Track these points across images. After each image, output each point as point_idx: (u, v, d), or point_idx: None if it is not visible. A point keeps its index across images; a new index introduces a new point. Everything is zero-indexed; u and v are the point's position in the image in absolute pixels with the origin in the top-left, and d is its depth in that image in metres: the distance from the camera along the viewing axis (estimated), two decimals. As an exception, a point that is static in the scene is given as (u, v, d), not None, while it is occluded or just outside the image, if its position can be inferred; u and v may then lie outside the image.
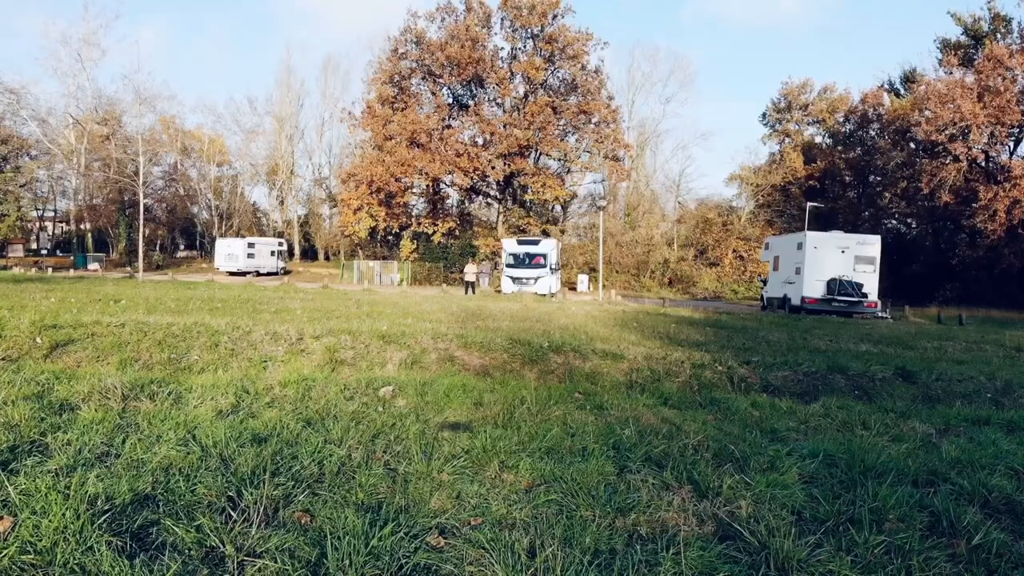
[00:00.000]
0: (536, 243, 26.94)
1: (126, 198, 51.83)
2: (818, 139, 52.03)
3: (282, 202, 67.56)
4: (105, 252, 57.09)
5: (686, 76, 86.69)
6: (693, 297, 36.74)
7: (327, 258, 66.25)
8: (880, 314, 20.01)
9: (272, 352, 7.03)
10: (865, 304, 19.52)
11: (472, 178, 38.52)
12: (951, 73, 36.66)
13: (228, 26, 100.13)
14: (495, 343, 7.53)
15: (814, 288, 19.53)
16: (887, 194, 40.18)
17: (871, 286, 19.59)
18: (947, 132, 30.97)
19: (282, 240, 49.23)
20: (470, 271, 26.69)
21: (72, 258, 51.37)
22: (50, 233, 66.43)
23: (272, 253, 45.84)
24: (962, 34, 38.71)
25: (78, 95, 57.07)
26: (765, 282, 24.28)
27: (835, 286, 19.28)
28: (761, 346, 9.39)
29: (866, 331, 13.08)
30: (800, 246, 20.10)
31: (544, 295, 24.35)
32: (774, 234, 40.29)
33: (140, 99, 44.29)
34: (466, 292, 26.00)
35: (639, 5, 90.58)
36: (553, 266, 25.93)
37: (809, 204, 29.32)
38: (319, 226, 67.05)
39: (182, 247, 71.31)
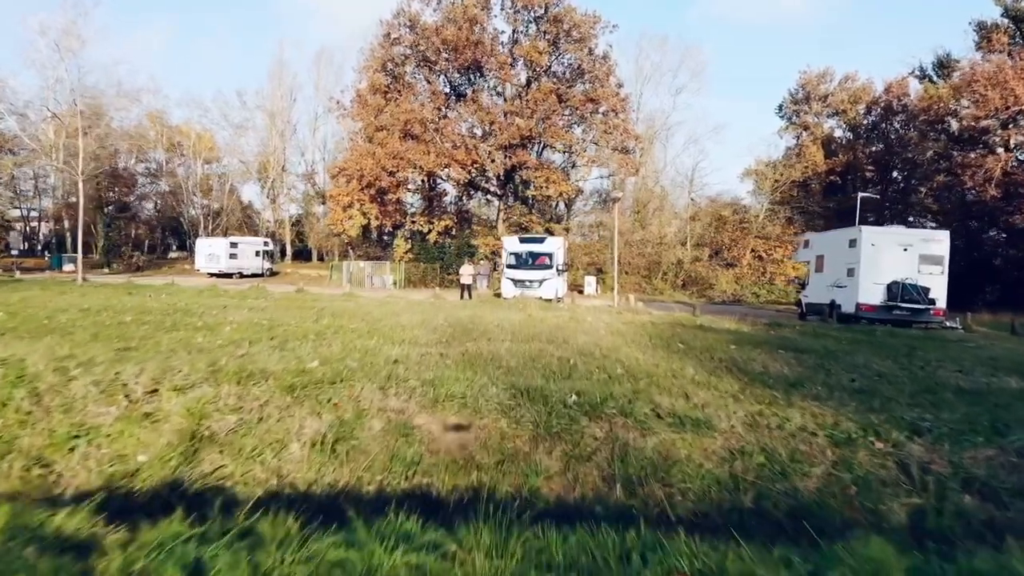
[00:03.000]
0: (541, 241, 23.91)
1: (104, 195, 48.82)
2: (838, 132, 49.00)
3: (274, 200, 64.54)
4: (88, 253, 54.00)
5: (697, 65, 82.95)
6: (711, 301, 33.69)
7: (321, 259, 63.22)
8: (948, 324, 16.95)
9: (97, 418, 4.01)
10: (932, 312, 16.47)
11: (470, 172, 35.52)
12: (988, 56, 33.71)
13: (228, 26, 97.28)
14: (486, 396, 4.51)
15: (872, 293, 16.47)
16: (923, 188, 37.04)
17: (939, 291, 16.51)
18: (998, 117, 27.91)
19: (267, 240, 46.24)
20: (466, 273, 23.65)
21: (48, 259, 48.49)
22: (36, 232, 63.51)
23: (257, 253, 42.88)
24: (1002, 15, 35.65)
25: (57, 88, 54.00)
26: (803, 285, 21.23)
27: (897, 290, 16.21)
28: (881, 385, 6.36)
29: (976, 352, 10.03)
30: (854, 243, 17.03)
31: (550, 300, 21.35)
32: (802, 230, 37.23)
33: (81, 66, 41.20)
34: (462, 296, 22.99)
35: (644, 1, 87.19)
36: (560, 267, 22.92)
37: (861, 195, 26.19)
38: (313, 225, 64.05)
39: (175, 248, 68.26)
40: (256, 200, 68.88)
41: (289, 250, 62.63)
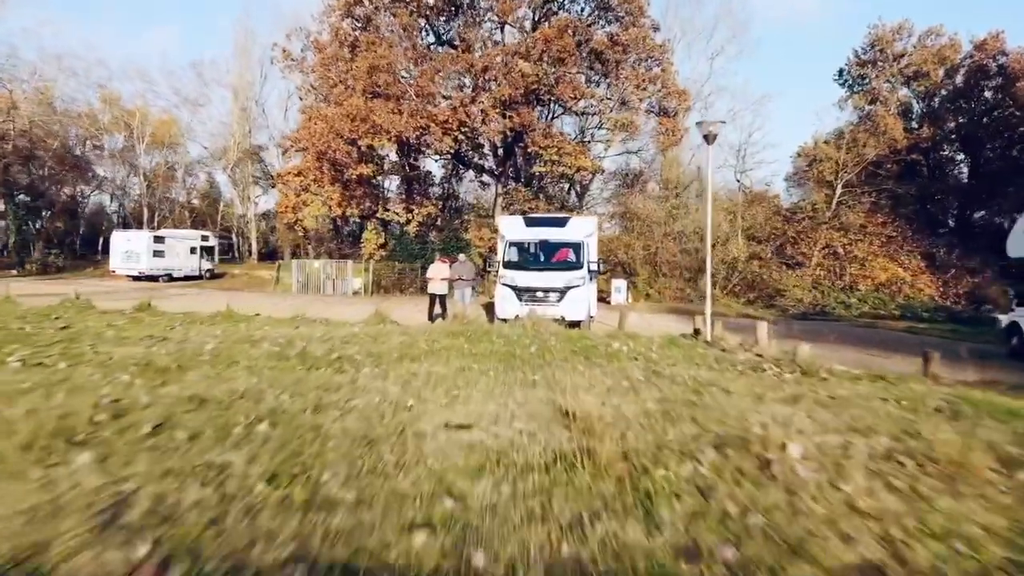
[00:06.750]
0: (561, 223, 14.63)
1: (15, 180, 39.70)
2: (914, 103, 39.93)
3: (242, 191, 55.39)
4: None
5: (737, 24, 73.11)
6: (783, 313, 24.69)
7: (295, 256, 54.15)
8: None
9: None
10: None
11: (456, 139, 26.53)
12: None
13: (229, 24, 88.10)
14: None
15: None
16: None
17: None
18: None
19: (207, 234, 37.21)
20: (438, 276, 14.45)
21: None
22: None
23: (193, 251, 34.01)
24: None
25: (-27, 55, 45.00)
26: (1020, 298, 12.25)
27: None
28: None
29: None
30: None
31: (578, 323, 12.38)
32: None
33: None
34: (431, 316, 14.01)
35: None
36: (592, 266, 13.82)
37: None
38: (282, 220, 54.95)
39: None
40: (226, 191, 59.81)
41: (255, 247, 53.71)
